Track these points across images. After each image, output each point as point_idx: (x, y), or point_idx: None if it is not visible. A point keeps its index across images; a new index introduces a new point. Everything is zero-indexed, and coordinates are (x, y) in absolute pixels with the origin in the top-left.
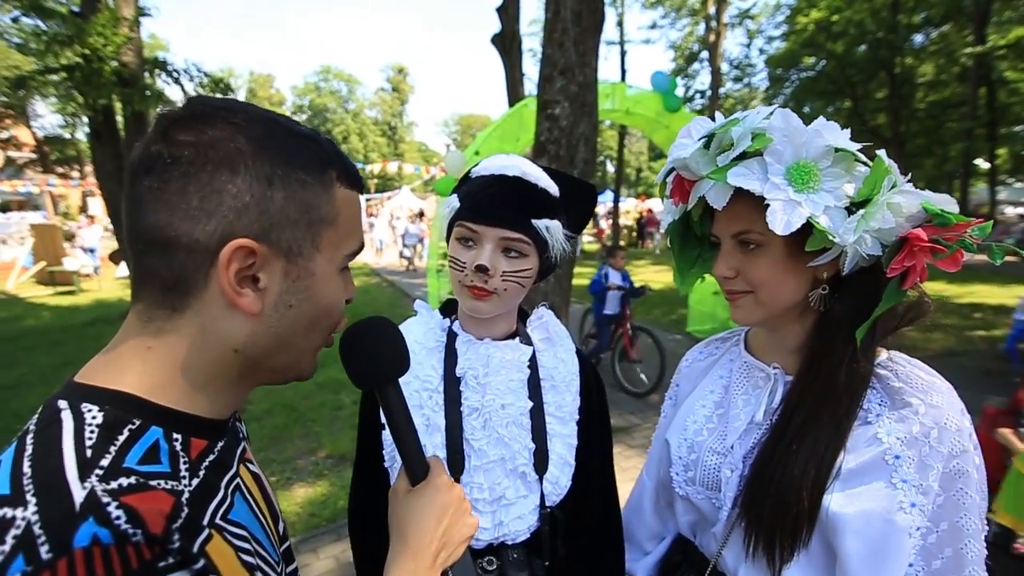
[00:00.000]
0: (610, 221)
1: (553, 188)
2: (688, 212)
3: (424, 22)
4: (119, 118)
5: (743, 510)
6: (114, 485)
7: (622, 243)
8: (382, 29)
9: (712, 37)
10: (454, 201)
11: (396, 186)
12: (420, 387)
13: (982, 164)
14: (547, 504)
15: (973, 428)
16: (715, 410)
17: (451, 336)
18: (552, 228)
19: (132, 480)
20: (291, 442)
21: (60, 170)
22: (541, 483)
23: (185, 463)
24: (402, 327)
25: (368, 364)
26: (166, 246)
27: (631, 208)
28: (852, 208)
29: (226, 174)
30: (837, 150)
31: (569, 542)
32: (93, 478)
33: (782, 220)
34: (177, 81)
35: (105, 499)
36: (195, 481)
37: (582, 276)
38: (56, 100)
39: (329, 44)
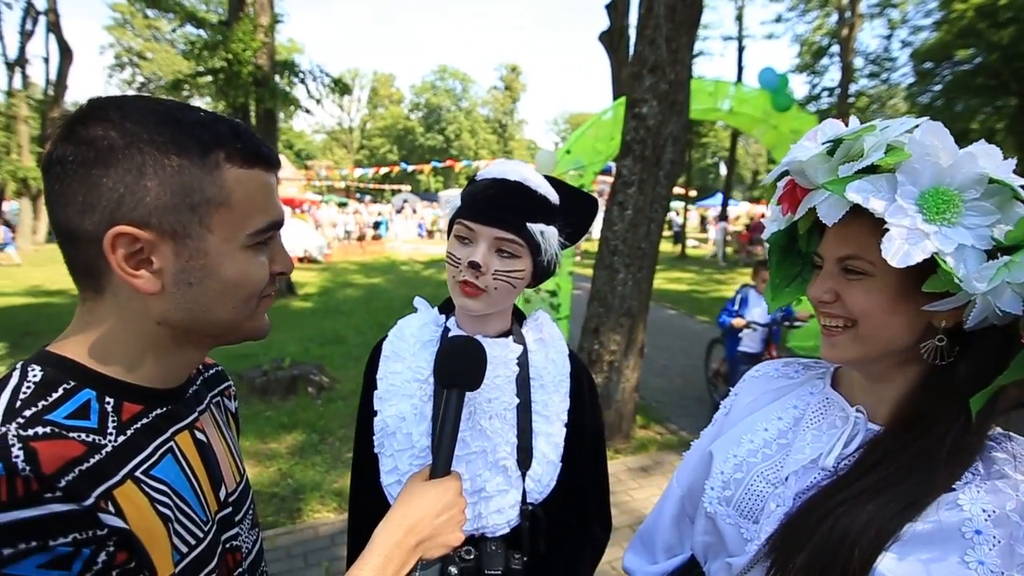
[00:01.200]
0: (719, 225)
1: (553, 196)
2: (795, 224)
3: (537, 21)
4: (252, 115)
5: (773, 550)
6: (29, 432)
7: (729, 248)
8: (496, 28)
9: (845, 30)
10: (456, 200)
11: None
12: (411, 377)
13: None
14: (528, 501)
15: None
16: (777, 437)
17: (445, 332)
18: (547, 233)
19: (48, 429)
20: None
21: None
22: (524, 479)
23: (114, 423)
24: (401, 322)
25: (456, 369)
26: (71, 238)
27: (742, 213)
28: (997, 253)
29: (101, 169)
30: (992, 181)
31: (551, 540)
32: (13, 424)
33: (901, 250)
34: (303, 81)
35: (12, 441)
36: (120, 439)
37: (679, 282)
38: (210, 99)
39: (446, 44)
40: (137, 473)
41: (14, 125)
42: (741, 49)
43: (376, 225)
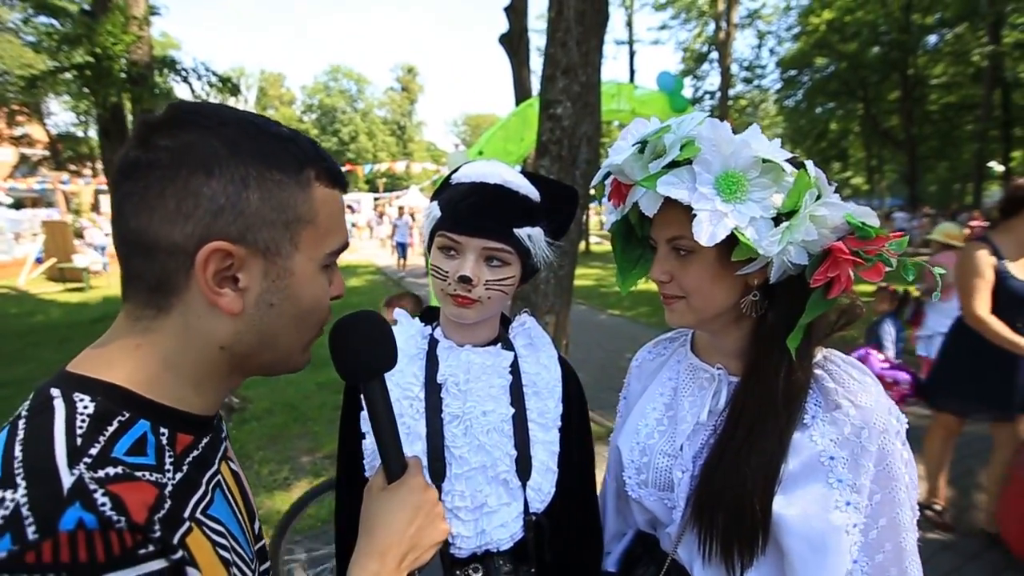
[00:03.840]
0: None
1: (534, 194)
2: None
3: (434, 22)
4: (128, 116)
5: (695, 517)
6: (101, 474)
7: None
8: (392, 29)
9: (722, 36)
10: (435, 209)
11: (404, 186)
12: (401, 395)
13: (996, 167)
14: (531, 511)
15: (903, 427)
16: (665, 412)
17: (432, 343)
18: (534, 236)
19: (119, 470)
20: (291, 441)
21: (72, 167)
22: (524, 490)
23: (170, 457)
24: None
25: (355, 357)
26: (148, 249)
27: None
28: (780, 218)
29: (201, 177)
30: (764, 161)
31: (556, 549)
32: (81, 465)
33: (707, 231)
34: (185, 80)
35: (92, 486)
36: (179, 475)
37: (585, 277)
38: (69, 98)
39: (339, 44)
40: (198, 514)
41: None
42: (632, 54)
43: None
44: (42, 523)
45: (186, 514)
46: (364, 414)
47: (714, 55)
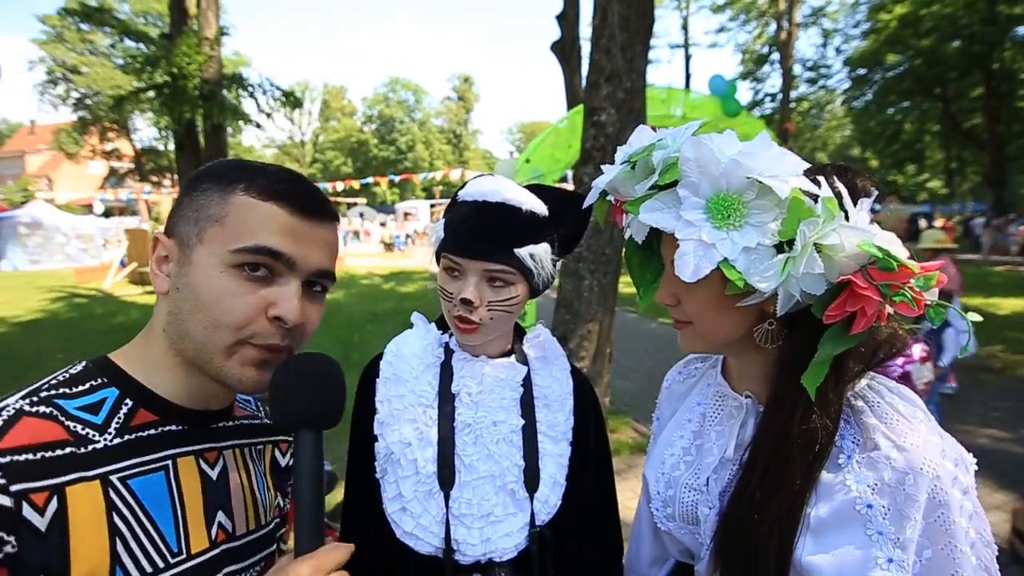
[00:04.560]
0: None
1: (540, 208)
2: None
3: (490, 31)
4: (200, 130)
5: (717, 561)
6: (32, 408)
7: None
8: (449, 39)
9: (783, 36)
10: (440, 230)
11: None
12: (415, 401)
13: None
14: (536, 523)
15: (966, 473)
16: (693, 441)
17: (448, 352)
18: (537, 254)
19: (48, 410)
20: (342, 442)
21: (154, 179)
22: (532, 502)
23: (118, 423)
24: (398, 339)
25: (287, 401)
26: None
27: None
28: (784, 246)
29: (183, 197)
30: (758, 182)
31: (560, 563)
32: (24, 400)
33: (691, 265)
34: (252, 95)
35: (8, 412)
36: (116, 440)
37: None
38: (152, 115)
39: (398, 56)
40: (112, 477)
41: None
42: (688, 57)
43: None
44: None
45: (97, 470)
46: (378, 417)
47: (775, 56)
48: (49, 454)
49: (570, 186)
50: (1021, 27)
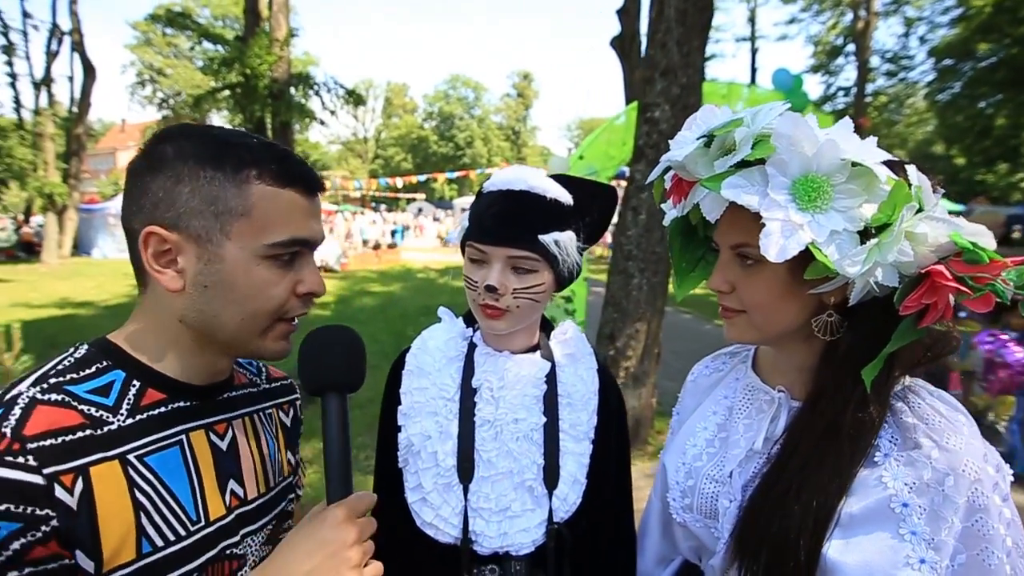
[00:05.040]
0: None
1: (565, 197)
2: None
3: (550, 28)
4: (269, 127)
5: (738, 553)
6: (44, 396)
7: None
8: (509, 36)
9: (860, 26)
10: (465, 220)
11: None
12: (437, 395)
13: None
14: (555, 520)
15: (1005, 480)
16: (717, 433)
17: (471, 347)
18: (562, 241)
19: (60, 397)
20: None
21: None
22: (551, 499)
23: (129, 404)
24: (425, 332)
25: (315, 368)
26: (128, 236)
27: None
28: (869, 233)
29: (150, 175)
30: (854, 164)
31: (576, 561)
32: (35, 387)
33: (777, 244)
34: (317, 93)
35: (22, 400)
36: (129, 420)
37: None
38: (227, 113)
39: (459, 53)
40: (130, 456)
41: (40, 142)
42: (754, 51)
43: (393, 233)
44: None
45: (116, 451)
46: (401, 408)
47: (850, 48)
48: (69, 438)
49: (624, 183)
50: None
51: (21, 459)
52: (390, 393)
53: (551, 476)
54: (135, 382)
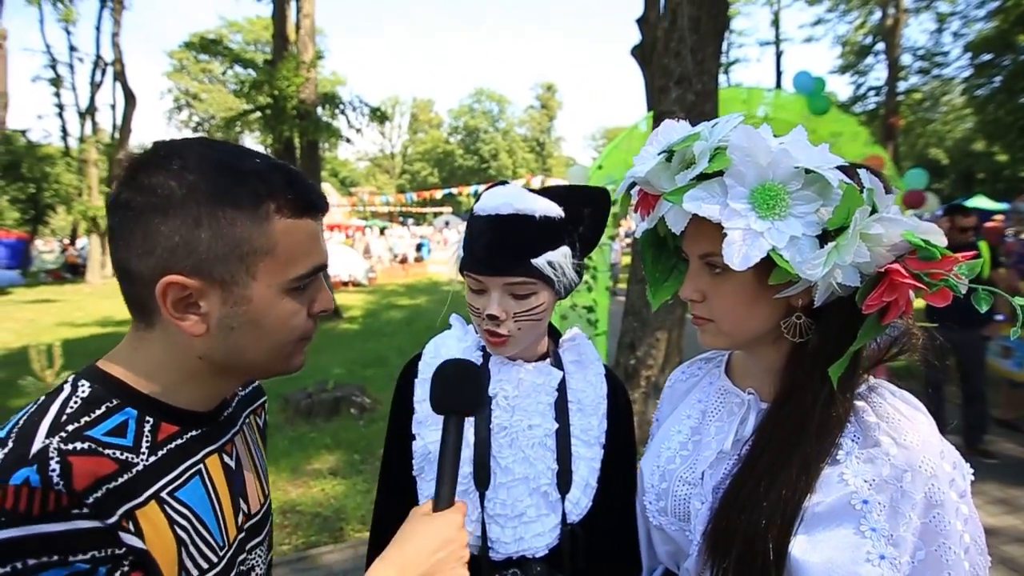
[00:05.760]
0: None
1: (554, 212)
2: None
3: (572, 39)
4: (297, 147)
5: (709, 553)
6: (69, 446)
7: None
8: (532, 48)
9: (890, 23)
10: (460, 249)
11: None
12: None
13: None
14: (568, 522)
15: (963, 478)
16: (690, 436)
17: (486, 356)
18: (555, 260)
19: (86, 445)
20: None
21: None
22: (563, 503)
23: (147, 442)
24: (437, 340)
25: (451, 394)
26: (127, 276)
27: None
28: (827, 236)
29: (160, 218)
30: (807, 171)
31: (590, 558)
32: (56, 437)
33: (740, 252)
34: (343, 113)
35: (53, 454)
36: (152, 458)
37: None
38: (258, 134)
39: (483, 66)
40: (162, 494)
41: (85, 168)
42: (779, 54)
43: (419, 247)
44: (1, 476)
45: (150, 491)
46: (416, 417)
47: (879, 46)
48: (111, 486)
49: None
50: None
51: (85, 511)
52: (401, 402)
53: (564, 481)
54: (148, 418)
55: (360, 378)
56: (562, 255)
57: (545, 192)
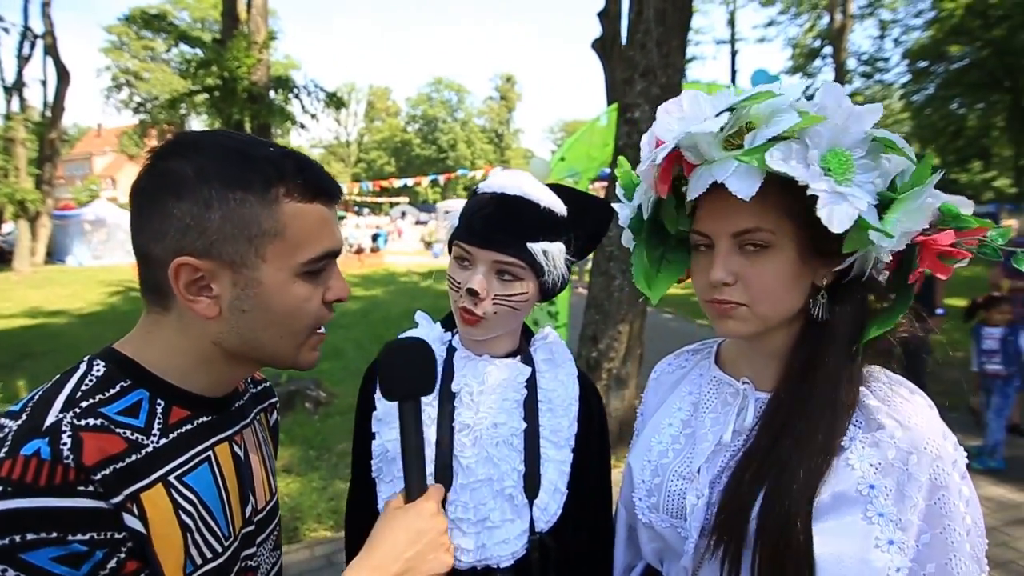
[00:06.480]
0: None
1: (559, 207)
2: (658, 205)
3: (532, 30)
4: (248, 131)
5: (717, 544)
6: (82, 422)
7: None
8: (492, 39)
9: (837, 28)
10: (454, 218)
11: None
12: None
13: None
14: (536, 530)
15: (962, 459)
16: (682, 429)
17: (450, 351)
18: (550, 252)
19: (98, 422)
20: None
21: None
22: (531, 508)
23: (159, 424)
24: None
25: (397, 378)
26: (144, 259)
27: None
28: (880, 207)
29: (173, 200)
30: (874, 139)
31: (561, 570)
32: (70, 413)
33: (833, 214)
34: (297, 97)
35: (66, 428)
36: (163, 441)
37: (676, 285)
38: (206, 117)
39: (442, 57)
40: (170, 477)
41: (12, 148)
42: (734, 53)
43: (375, 238)
44: (12, 447)
45: (157, 474)
46: (376, 414)
47: (827, 50)
48: (120, 464)
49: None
50: None
51: (91, 488)
52: (364, 399)
53: (531, 484)
54: (159, 401)
55: (315, 371)
56: (558, 250)
57: (553, 188)
